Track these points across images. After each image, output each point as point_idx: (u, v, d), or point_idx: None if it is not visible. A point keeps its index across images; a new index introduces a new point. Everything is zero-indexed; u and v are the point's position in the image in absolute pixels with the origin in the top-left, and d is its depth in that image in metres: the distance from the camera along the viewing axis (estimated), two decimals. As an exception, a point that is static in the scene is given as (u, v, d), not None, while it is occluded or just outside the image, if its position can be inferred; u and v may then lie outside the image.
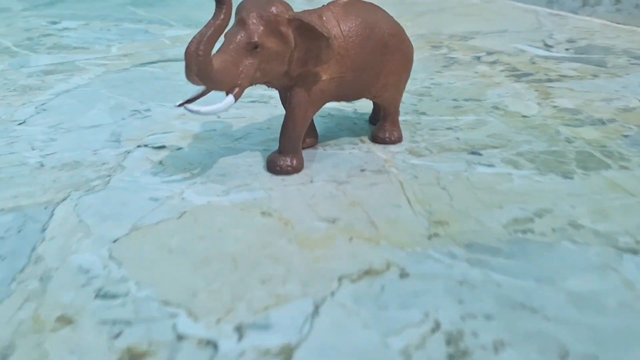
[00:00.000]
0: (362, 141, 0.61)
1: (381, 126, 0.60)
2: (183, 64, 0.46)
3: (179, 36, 1.05)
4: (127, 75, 0.83)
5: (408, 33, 0.79)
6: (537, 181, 0.53)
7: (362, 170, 0.55)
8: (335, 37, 0.49)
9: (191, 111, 0.46)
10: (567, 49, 0.96)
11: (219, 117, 0.68)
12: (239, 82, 0.47)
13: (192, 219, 0.46)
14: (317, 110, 0.54)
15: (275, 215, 0.47)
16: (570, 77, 0.82)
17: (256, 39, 0.47)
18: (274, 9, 0.47)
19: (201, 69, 0.44)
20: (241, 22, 0.47)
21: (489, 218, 0.47)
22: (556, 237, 0.44)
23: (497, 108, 0.70)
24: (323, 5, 0.53)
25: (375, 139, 0.60)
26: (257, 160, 0.57)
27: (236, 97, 0.48)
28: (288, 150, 0.53)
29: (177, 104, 0.49)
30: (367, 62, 0.53)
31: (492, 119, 0.67)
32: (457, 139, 0.62)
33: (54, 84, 0.79)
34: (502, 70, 0.84)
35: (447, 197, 0.50)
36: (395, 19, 0.57)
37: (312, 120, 0.58)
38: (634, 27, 1.09)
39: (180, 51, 0.96)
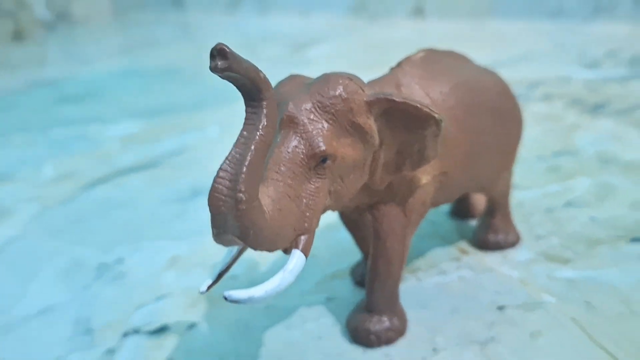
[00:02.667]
0: (464, 251, 0.43)
1: (489, 224, 0.43)
2: (144, 174, 0.27)
3: (128, 134, 0.86)
4: (73, 209, 0.62)
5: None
6: None
7: (501, 309, 0.36)
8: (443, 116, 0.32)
9: (239, 301, 0.27)
10: (616, 66, 0.82)
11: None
12: (305, 226, 0.29)
13: None
14: (414, 233, 0.36)
15: None
16: (656, 98, 0.68)
17: (324, 148, 0.28)
18: (340, 90, 0.29)
19: (247, 224, 0.26)
20: (290, 123, 0.29)
21: None
22: None
23: (607, 161, 0.54)
24: (393, 68, 0.35)
25: (484, 244, 0.43)
26: (326, 325, 0.37)
27: (306, 252, 0.29)
28: (384, 306, 0.35)
29: (203, 289, 0.29)
30: (477, 144, 0.35)
31: (615, 179, 0.51)
32: (593, 220, 0.45)
33: (-32, 240, 0.58)
34: (566, 107, 0.69)
35: (667, 335, 0.32)
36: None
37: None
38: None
39: (136, 155, 0.76)
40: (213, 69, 0.24)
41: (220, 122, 0.84)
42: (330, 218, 0.47)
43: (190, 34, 1.73)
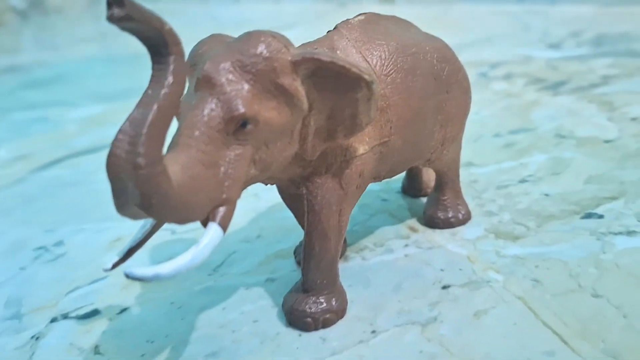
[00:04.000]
0: (413, 229, 0.40)
1: (438, 201, 0.40)
2: (98, 156, 0.24)
3: (89, 117, 0.82)
4: (24, 190, 0.59)
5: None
6: None
7: (445, 288, 0.33)
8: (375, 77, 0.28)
9: (141, 278, 0.23)
10: (578, 45, 0.79)
11: (174, 232, 0.45)
12: (224, 197, 0.25)
13: None
14: (353, 207, 0.32)
15: None
16: (615, 76, 0.65)
17: (243, 110, 0.25)
18: (262, 49, 0.26)
19: (148, 191, 0.22)
20: (206, 83, 0.26)
21: None
22: None
23: (562, 136, 0.51)
24: (330, 31, 0.32)
25: (433, 222, 0.40)
26: (264, 307, 0.34)
27: (225, 225, 0.26)
28: (321, 286, 0.32)
29: (108, 266, 0.26)
30: (418, 112, 0.32)
31: (569, 154, 0.48)
32: (547, 195, 0.42)
33: None
34: (526, 85, 0.66)
35: (614, 311, 0.30)
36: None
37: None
38: (628, 8, 0.95)
39: (93, 138, 0.72)
40: (109, 18, 0.21)
41: (182, 104, 0.80)
42: (276, 196, 0.44)
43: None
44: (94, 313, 0.36)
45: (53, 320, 0.36)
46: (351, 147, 0.30)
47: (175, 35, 0.22)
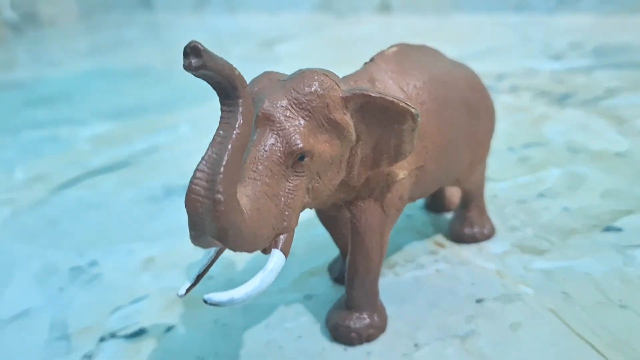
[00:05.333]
0: (440, 245, 0.42)
1: (464, 217, 0.42)
2: (116, 175, 0.26)
3: (99, 135, 0.83)
4: (47, 211, 0.60)
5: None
6: None
7: (479, 302, 0.36)
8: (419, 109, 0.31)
9: (219, 304, 0.26)
10: (581, 57, 0.82)
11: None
12: (285, 224, 0.28)
13: None
14: (392, 229, 0.35)
15: None
16: (620, 89, 0.68)
17: (301, 145, 0.27)
18: (315, 87, 0.28)
19: (225, 225, 0.24)
20: (265, 120, 0.28)
21: None
22: None
23: (575, 150, 0.54)
24: (367, 63, 0.34)
25: (460, 238, 0.42)
26: (306, 324, 0.36)
27: (286, 251, 0.28)
28: (363, 303, 0.34)
29: (181, 292, 0.28)
30: (451, 137, 0.35)
31: (584, 169, 0.50)
32: (567, 210, 0.45)
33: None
34: (534, 98, 0.69)
35: (642, 322, 0.32)
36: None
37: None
38: (627, 17, 0.99)
39: (108, 156, 0.74)
40: (187, 67, 0.23)
41: (191, 122, 0.82)
42: (306, 215, 0.46)
43: (158, 34, 1.70)
44: (141, 332, 0.38)
45: (102, 339, 0.38)
46: (392, 173, 0.32)
47: (243, 79, 0.25)
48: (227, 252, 0.35)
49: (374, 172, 0.32)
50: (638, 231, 0.40)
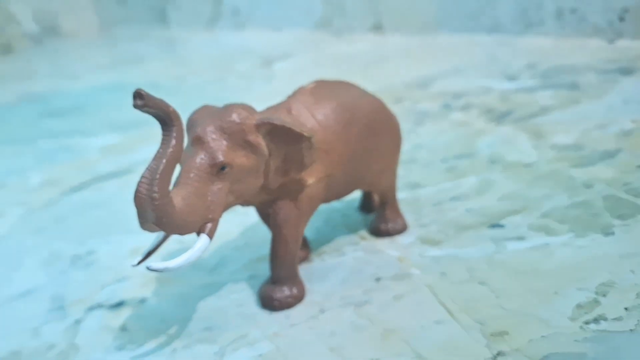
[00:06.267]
0: (363, 238, 0.53)
1: (381, 216, 0.52)
2: (119, 180, 0.37)
3: (108, 145, 0.95)
4: (56, 211, 0.72)
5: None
6: (580, 247, 0.47)
7: (378, 280, 0.46)
8: (313, 133, 0.41)
9: (157, 270, 0.37)
10: (531, 77, 0.92)
11: (181, 242, 0.58)
12: (210, 216, 0.39)
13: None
14: (308, 221, 0.45)
15: (294, 375, 0.37)
16: (552, 107, 0.77)
17: (222, 159, 0.38)
18: (234, 117, 0.39)
19: (160, 215, 0.35)
20: (198, 141, 0.39)
21: (550, 312, 0.40)
22: (633, 318, 0.37)
23: (493, 161, 0.64)
24: (288, 97, 0.45)
25: (377, 232, 0.52)
26: (246, 296, 0.47)
27: (211, 235, 0.39)
28: (284, 279, 0.44)
29: (135, 263, 0.39)
30: (356, 152, 0.45)
31: (494, 177, 0.60)
32: (468, 211, 0.55)
33: (-34, 239, 0.68)
34: (479, 115, 0.79)
35: (491, 294, 0.42)
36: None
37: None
38: (582, 40, 1.08)
39: (113, 164, 0.86)
40: (135, 106, 0.34)
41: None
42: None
43: (173, 49, 1.82)
44: (121, 303, 0.49)
45: (90, 309, 0.49)
46: (302, 179, 0.43)
47: (177, 114, 0.36)
48: (179, 239, 0.46)
49: (286, 179, 0.42)
50: (516, 227, 0.50)
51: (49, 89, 1.45)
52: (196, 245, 0.38)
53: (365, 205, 0.57)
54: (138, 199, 0.35)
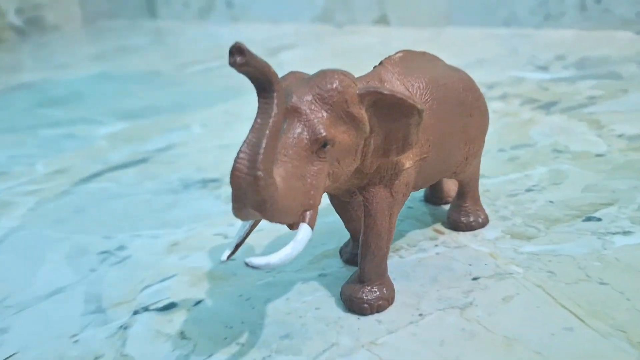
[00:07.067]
0: (439, 232, 0.46)
1: (460, 207, 0.46)
2: (135, 170, 0.29)
3: (117, 133, 0.87)
4: (72, 201, 0.63)
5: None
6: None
7: (475, 279, 0.39)
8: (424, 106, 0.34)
9: (257, 267, 0.29)
10: (565, 68, 0.87)
11: (226, 237, 0.50)
12: (310, 202, 0.31)
13: None
14: (399, 211, 0.38)
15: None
16: (600, 97, 0.72)
17: (324, 133, 0.31)
18: (336, 84, 0.32)
19: (264, 198, 0.28)
20: (293, 112, 0.31)
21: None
22: None
23: (559, 151, 0.58)
24: (377, 66, 0.38)
25: (457, 226, 0.46)
26: (321, 297, 0.40)
27: (312, 224, 0.32)
28: (374, 277, 0.37)
29: (224, 258, 0.32)
30: (448, 132, 0.39)
31: (567, 167, 0.54)
32: (552, 202, 0.48)
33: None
34: (521, 105, 0.73)
35: (620, 296, 0.36)
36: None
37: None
38: (608, 32, 1.03)
39: (126, 153, 0.77)
40: (232, 64, 0.27)
41: (201, 123, 0.86)
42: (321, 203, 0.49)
43: (163, 41, 1.73)
44: (172, 305, 0.41)
45: (135, 312, 0.41)
46: (399, 162, 0.36)
47: (277, 76, 0.28)
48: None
49: (384, 161, 0.35)
50: (616, 220, 0.44)
51: (40, 79, 1.34)
52: (298, 237, 0.31)
53: (433, 195, 0.51)
54: (236, 178, 0.28)
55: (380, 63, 0.38)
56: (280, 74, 0.30)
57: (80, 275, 0.47)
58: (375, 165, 0.35)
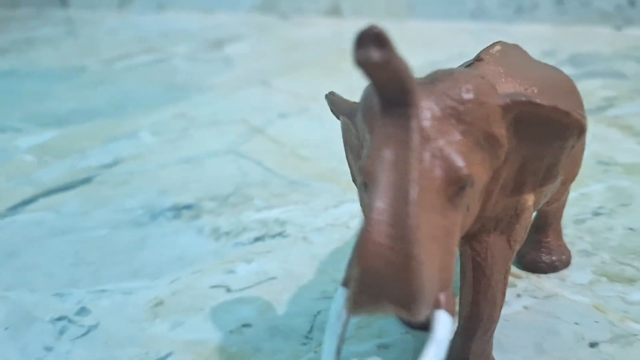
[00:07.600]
0: (516, 275, 0.37)
1: (541, 244, 0.37)
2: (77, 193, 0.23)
3: (44, 144, 0.71)
4: (6, 238, 0.49)
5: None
6: None
7: (594, 346, 0.30)
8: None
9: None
10: (559, 65, 0.81)
11: (229, 290, 0.39)
12: (445, 277, 0.21)
13: None
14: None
15: None
16: (616, 98, 0.66)
17: (465, 171, 0.21)
18: (474, 93, 0.22)
19: (417, 288, 0.17)
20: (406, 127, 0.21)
21: None
22: None
23: (606, 163, 0.51)
24: (473, 60, 0.28)
25: (537, 267, 0.37)
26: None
27: (452, 311, 0.21)
28: (482, 348, 0.27)
29: None
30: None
31: (626, 183, 0.47)
32: (632, 230, 0.40)
33: None
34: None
35: None
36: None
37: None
38: (586, 27, 0.99)
39: (61, 170, 0.63)
40: (363, 61, 0.16)
41: (151, 130, 0.72)
42: (345, 244, 0.39)
43: (77, 33, 1.54)
44: (180, 406, 0.30)
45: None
46: (522, 199, 0.26)
47: (416, 83, 0.18)
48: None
49: (512, 200, 0.25)
50: None
51: None
52: (438, 334, 0.20)
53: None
54: (375, 258, 0.17)
55: (479, 58, 0.28)
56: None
57: (32, 358, 0.34)
58: (501, 207, 0.25)
